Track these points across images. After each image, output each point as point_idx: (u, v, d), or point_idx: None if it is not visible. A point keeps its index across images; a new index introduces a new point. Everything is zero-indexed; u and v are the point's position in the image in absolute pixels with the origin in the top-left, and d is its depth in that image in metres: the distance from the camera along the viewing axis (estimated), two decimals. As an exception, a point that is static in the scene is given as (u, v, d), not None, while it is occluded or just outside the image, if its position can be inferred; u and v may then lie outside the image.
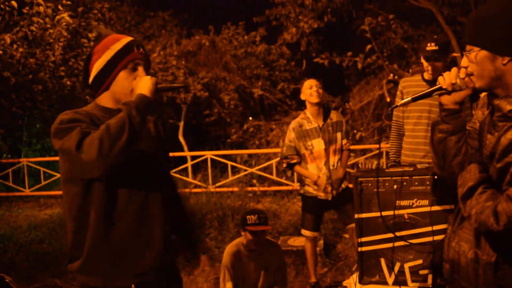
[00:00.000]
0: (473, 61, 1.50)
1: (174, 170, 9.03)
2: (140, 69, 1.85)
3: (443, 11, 9.07)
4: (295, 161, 3.97)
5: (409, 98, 1.66)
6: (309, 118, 3.96)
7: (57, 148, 1.72)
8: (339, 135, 3.98)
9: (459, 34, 8.67)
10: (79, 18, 9.39)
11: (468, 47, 1.52)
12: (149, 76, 1.80)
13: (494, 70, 1.46)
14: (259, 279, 3.45)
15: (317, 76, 4.10)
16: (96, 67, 1.84)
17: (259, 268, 3.43)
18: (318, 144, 3.91)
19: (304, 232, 4.09)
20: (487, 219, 1.40)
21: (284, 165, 4.07)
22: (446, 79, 1.57)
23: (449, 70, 1.60)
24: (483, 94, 1.69)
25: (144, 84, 1.78)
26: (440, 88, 1.59)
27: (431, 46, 3.33)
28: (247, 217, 3.31)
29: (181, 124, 11.36)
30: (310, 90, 3.89)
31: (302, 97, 4.01)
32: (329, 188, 3.88)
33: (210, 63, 11.35)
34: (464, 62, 1.55)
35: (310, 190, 3.99)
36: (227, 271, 3.37)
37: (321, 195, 3.91)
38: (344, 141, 4.03)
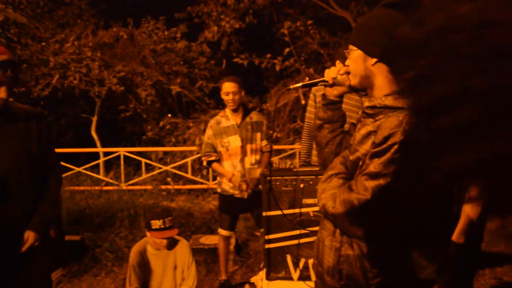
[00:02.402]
0: (351, 59, 1.65)
1: (85, 167, 8.63)
2: (2, 89, 2.13)
3: (357, 20, 9.52)
4: (213, 158, 3.95)
5: (300, 84, 1.83)
6: (227, 116, 3.95)
7: None
8: (258, 135, 3.98)
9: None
10: (-17, -1, 8.69)
11: (350, 47, 1.66)
12: None
13: (364, 69, 1.59)
14: (167, 277, 3.37)
15: (236, 75, 4.05)
16: None
17: (167, 267, 3.36)
18: (234, 141, 3.91)
19: (221, 231, 4.09)
20: (327, 202, 1.54)
21: (205, 162, 4.03)
22: (329, 73, 1.74)
23: None
24: None
25: None
26: (324, 80, 1.77)
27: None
28: (152, 222, 3.20)
29: (95, 118, 10.92)
30: (226, 97, 3.86)
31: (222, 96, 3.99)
32: (244, 186, 3.88)
33: (128, 57, 10.95)
34: (346, 61, 1.70)
35: (226, 189, 3.99)
36: (133, 271, 3.27)
37: (236, 193, 3.92)
38: (264, 143, 4.02)
